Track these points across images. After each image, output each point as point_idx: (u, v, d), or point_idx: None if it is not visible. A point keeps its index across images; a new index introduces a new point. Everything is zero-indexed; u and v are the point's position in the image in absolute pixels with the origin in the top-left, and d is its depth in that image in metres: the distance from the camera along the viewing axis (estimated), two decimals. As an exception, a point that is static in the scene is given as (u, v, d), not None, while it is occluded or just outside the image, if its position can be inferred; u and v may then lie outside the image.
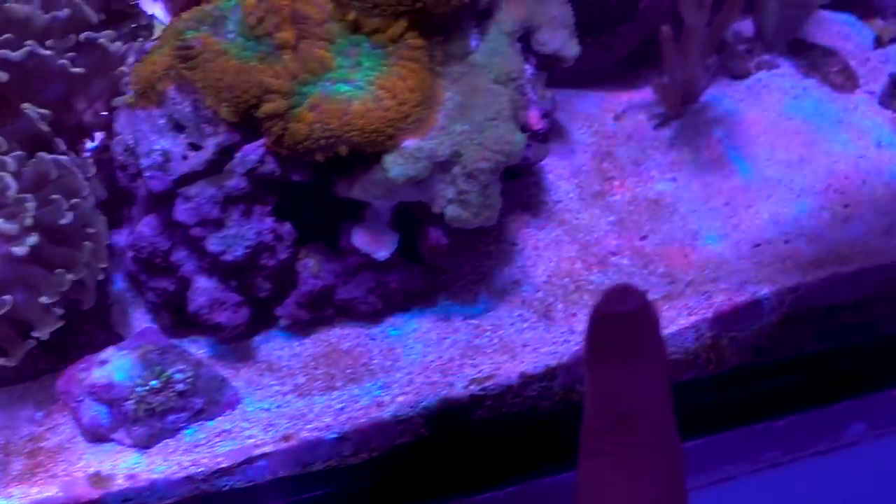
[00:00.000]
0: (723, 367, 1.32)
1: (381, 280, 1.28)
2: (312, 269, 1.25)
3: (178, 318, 1.26)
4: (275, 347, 1.31)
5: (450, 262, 1.27)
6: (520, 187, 1.47)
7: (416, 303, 1.35)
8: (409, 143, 1.11)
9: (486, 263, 1.40)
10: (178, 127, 1.11)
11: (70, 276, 1.07)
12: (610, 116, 1.59)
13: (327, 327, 1.33)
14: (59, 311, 1.10)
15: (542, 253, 1.41)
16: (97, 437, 1.16)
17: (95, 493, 1.09)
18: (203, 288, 1.17)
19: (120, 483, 1.11)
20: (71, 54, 1.12)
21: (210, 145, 1.09)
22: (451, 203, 1.17)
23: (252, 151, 1.12)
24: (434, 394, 1.20)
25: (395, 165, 1.10)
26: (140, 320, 1.33)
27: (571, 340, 1.28)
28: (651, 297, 1.35)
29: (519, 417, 1.25)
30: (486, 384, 1.21)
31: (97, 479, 1.11)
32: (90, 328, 1.26)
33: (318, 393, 1.24)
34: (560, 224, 1.45)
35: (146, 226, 1.15)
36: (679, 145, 1.53)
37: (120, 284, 1.35)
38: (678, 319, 1.28)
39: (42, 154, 1.08)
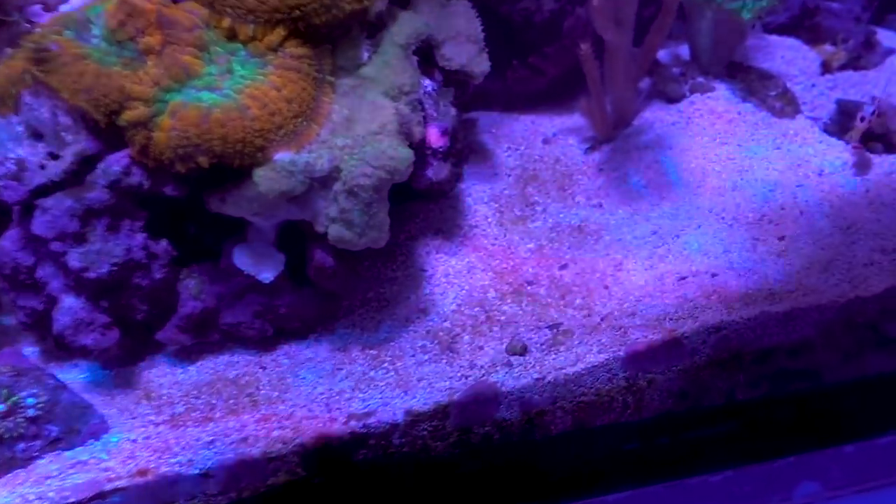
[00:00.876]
0: (644, 413, 1.22)
1: (269, 304, 1.20)
2: (193, 290, 1.17)
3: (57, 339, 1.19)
4: (158, 374, 1.23)
5: (341, 285, 1.19)
6: (434, 210, 1.39)
7: (314, 330, 1.26)
8: (282, 155, 1.04)
9: (392, 290, 1.32)
10: (37, 135, 1.05)
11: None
12: (539, 140, 1.51)
13: (215, 354, 1.24)
14: None
15: (453, 280, 1.33)
16: (-57, 465, 1.08)
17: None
18: (68, 307, 1.10)
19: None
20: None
21: (69, 154, 1.03)
22: (333, 222, 1.09)
23: (115, 162, 1.05)
24: (312, 430, 1.11)
25: (266, 179, 1.03)
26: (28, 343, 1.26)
27: (471, 376, 1.19)
28: (564, 330, 1.29)
29: (409, 460, 1.16)
30: (369, 421, 1.12)
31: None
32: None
33: (193, 424, 1.15)
34: (475, 250, 1.36)
35: (7, 239, 1.08)
36: (607, 170, 1.45)
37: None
38: (587, 356, 1.18)
39: None
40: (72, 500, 1.03)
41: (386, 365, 1.22)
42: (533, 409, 1.16)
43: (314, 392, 1.18)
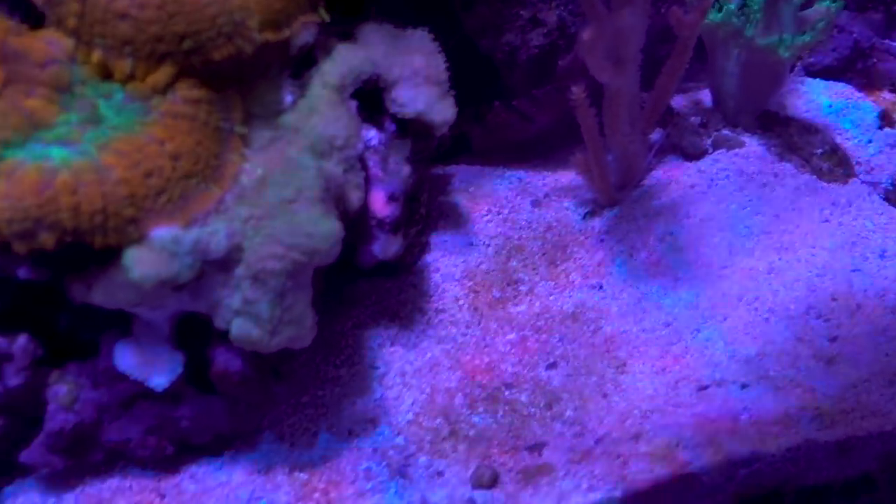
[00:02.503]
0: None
1: (166, 416, 0.93)
2: (64, 399, 0.91)
3: None
4: (24, 504, 0.97)
5: (254, 394, 0.93)
6: (390, 290, 1.12)
7: (230, 445, 0.99)
8: (163, 231, 0.79)
9: (333, 392, 1.04)
10: None
11: None
12: (528, 201, 1.24)
13: (101, 477, 0.97)
14: None
15: (411, 381, 1.05)
16: None
17: None
18: None
19: None
20: None
21: None
22: (237, 315, 0.83)
23: (-56, 237, 0.81)
24: None
25: (139, 263, 0.77)
26: None
27: (423, 518, 0.91)
28: (548, 454, 1.01)
29: None
30: (279, 581, 0.85)
31: None
32: None
33: (59, 577, 0.89)
34: (439, 342, 1.09)
35: None
36: (610, 242, 1.17)
37: None
38: (573, 496, 0.90)
39: None
40: None
41: (317, 496, 0.94)
42: (498, 569, 0.88)
43: (220, 533, 0.91)
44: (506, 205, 1.24)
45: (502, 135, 1.23)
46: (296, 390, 1.03)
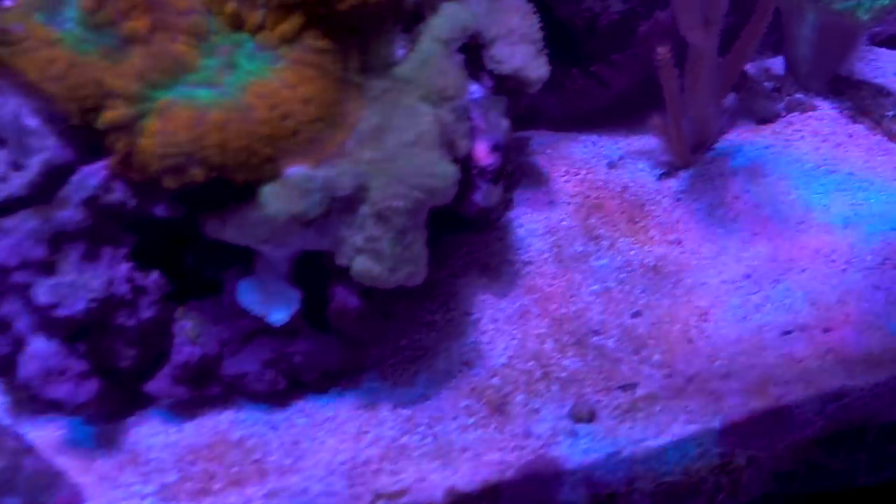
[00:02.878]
0: (740, 497, 0.98)
1: (282, 351, 0.99)
2: (190, 333, 0.97)
3: (26, 388, 1.01)
4: (148, 433, 1.02)
5: (368, 331, 0.98)
6: (479, 244, 1.18)
7: (336, 383, 1.05)
8: (296, 170, 0.85)
9: (430, 337, 1.10)
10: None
11: None
12: (604, 163, 1.30)
13: (217, 410, 1.04)
14: None
15: (503, 327, 1.11)
16: None
17: None
18: (37, 352, 0.91)
19: None
20: None
21: (35, 164, 0.84)
22: (359, 253, 0.89)
23: (92, 175, 0.86)
24: (329, 511, 0.90)
25: (275, 199, 0.83)
26: None
27: (527, 447, 0.96)
28: (641, 392, 1.07)
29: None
30: (400, 501, 0.90)
31: None
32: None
33: (187, 498, 0.94)
34: (528, 291, 1.15)
35: (-31, 267, 0.91)
36: (687, 201, 1.22)
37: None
38: (673, 427, 0.95)
39: None
40: None
41: (422, 429, 1.00)
42: (604, 492, 0.93)
43: (334, 461, 0.97)
44: (582, 166, 1.30)
45: (578, 102, 1.28)
46: (396, 334, 1.09)
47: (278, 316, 0.97)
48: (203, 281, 0.99)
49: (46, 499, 0.90)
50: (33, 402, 1.03)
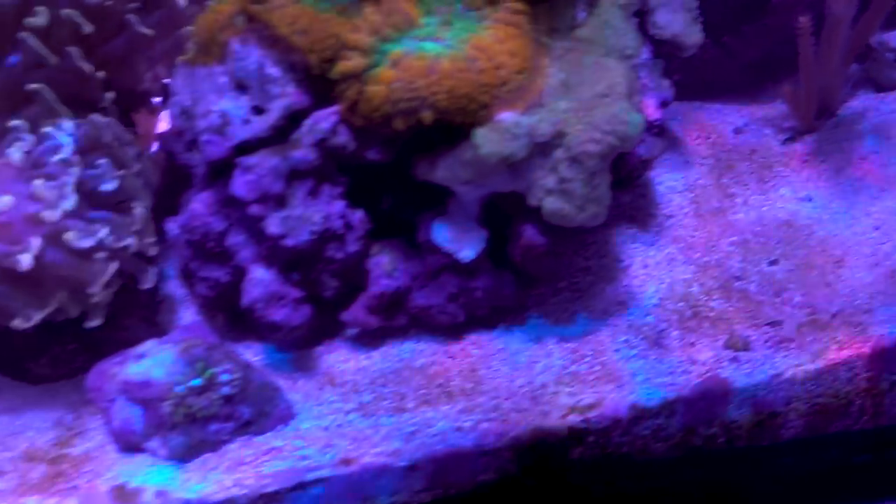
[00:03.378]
0: (880, 420, 1.08)
1: (465, 286, 1.10)
2: (386, 267, 1.08)
3: (231, 317, 1.11)
4: (338, 359, 1.13)
5: (546, 268, 1.09)
6: (624, 198, 1.28)
7: (503, 319, 1.15)
8: (506, 115, 0.95)
9: (586, 280, 1.21)
10: (241, 87, 0.97)
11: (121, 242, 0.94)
12: (730, 129, 1.40)
13: (399, 340, 1.14)
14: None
15: (653, 272, 1.21)
16: (129, 445, 0.98)
17: (117, 511, 0.92)
18: (259, 279, 1.02)
19: (147, 500, 0.94)
20: (134, 4, 1.00)
21: (276, 108, 0.95)
22: (550, 194, 0.99)
23: (324, 119, 0.97)
24: (525, 423, 1.00)
25: (488, 141, 0.94)
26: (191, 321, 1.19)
27: (693, 371, 1.07)
28: (788, 327, 1.16)
29: (623, 463, 1.03)
30: (589, 414, 1.00)
31: (121, 493, 0.94)
32: (134, 323, 1.11)
33: (386, 414, 1.05)
34: (673, 241, 1.25)
35: (200, 202, 1.00)
36: (814, 162, 1.32)
37: (172, 279, 1.22)
38: (826, 353, 1.05)
39: (95, 116, 0.97)
40: (271, 488, 0.94)
41: (588, 359, 1.10)
42: (765, 410, 1.03)
43: (513, 385, 1.07)
44: (711, 132, 1.40)
45: (705, 71, 1.38)
46: (558, 271, 1.19)
47: (467, 253, 1.07)
48: (396, 221, 1.10)
49: (270, 409, 1.01)
50: (234, 330, 1.14)
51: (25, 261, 0.90)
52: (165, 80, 1.10)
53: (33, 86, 0.95)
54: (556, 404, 1.03)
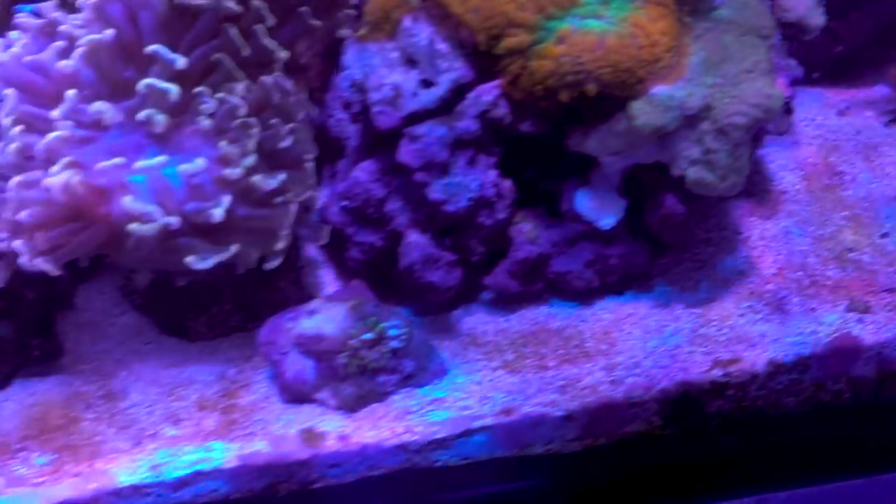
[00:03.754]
0: None
1: (601, 253, 1.16)
2: (529, 234, 1.15)
3: (377, 282, 1.19)
4: (477, 322, 1.20)
5: (682, 236, 1.15)
6: (741, 173, 1.35)
7: (630, 286, 1.22)
8: (660, 89, 1.02)
9: (707, 251, 1.27)
10: (411, 62, 1.05)
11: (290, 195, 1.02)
12: (832, 112, 1.46)
13: (533, 305, 1.21)
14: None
15: (770, 244, 1.27)
16: (298, 395, 1.06)
17: (306, 453, 0.98)
18: (416, 243, 1.09)
19: (331, 444, 1.01)
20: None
21: (444, 82, 1.02)
22: (694, 164, 1.06)
23: (487, 92, 1.04)
24: (669, 377, 1.07)
25: (643, 113, 1.01)
26: (330, 286, 1.26)
27: (820, 332, 1.13)
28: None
29: (756, 416, 1.10)
30: (730, 369, 1.07)
31: (309, 436, 1.01)
32: (286, 285, 1.18)
33: (531, 371, 1.12)
34: (788, 215, 1.31)
35: (363, 171, 1.08)
36: (919, 141, 1.39)
37: (312, 248, 1.29)
38: (951, 319, 1.11)
39: (265, 78, 1.04)
40: (440, 435, 1.01)
41: (716, 323, 1.16)
42: (889, 368, 1.09)
43: (646, 346, 1.14)
44: (815, 115, 1.46)
45: (805, 54, 1.43)
46: (690, 239, 1.25)
47: (607, 221, 1.14)
48: (536, 191, 1.17)
49: (428, 364, 1.08)
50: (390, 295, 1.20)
51: (217, 214, 0.97)
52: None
53: (217, 55, 1.02)
54: (695, 361, 1.10)
